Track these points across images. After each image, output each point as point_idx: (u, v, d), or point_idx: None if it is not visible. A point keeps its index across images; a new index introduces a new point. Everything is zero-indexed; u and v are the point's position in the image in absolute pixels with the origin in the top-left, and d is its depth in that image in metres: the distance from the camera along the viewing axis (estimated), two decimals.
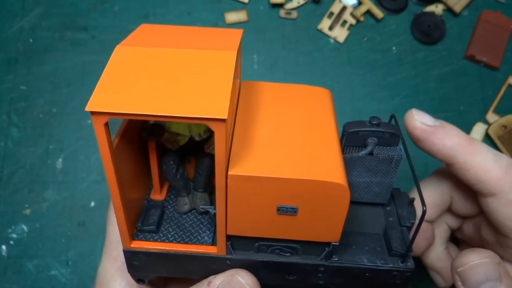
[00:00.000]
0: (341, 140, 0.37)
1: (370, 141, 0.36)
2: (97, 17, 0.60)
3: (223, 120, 0.27)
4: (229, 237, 0.35)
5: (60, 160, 0.56)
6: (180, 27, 0.38)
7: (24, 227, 0.54)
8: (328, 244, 0.34)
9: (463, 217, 0.44)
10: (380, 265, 0.35)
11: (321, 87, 0.40)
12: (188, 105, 0.28)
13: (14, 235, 0.54)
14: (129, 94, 0.28)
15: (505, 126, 0.57)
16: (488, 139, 0.57)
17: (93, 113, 0.28)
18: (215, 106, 0.27)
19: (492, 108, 0.58)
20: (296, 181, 0.30)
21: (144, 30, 0.36)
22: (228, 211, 0.32)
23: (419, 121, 0.37)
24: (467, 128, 0.58)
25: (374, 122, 0.35)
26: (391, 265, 0.35)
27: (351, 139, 0.36)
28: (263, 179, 0.30)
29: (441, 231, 0.44)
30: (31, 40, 0.59)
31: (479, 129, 0.57)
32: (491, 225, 0.39)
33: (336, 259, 0.35)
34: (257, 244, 0.35)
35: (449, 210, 0.43)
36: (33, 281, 0.52)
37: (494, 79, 0.59)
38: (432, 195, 0.41)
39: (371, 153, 0.36)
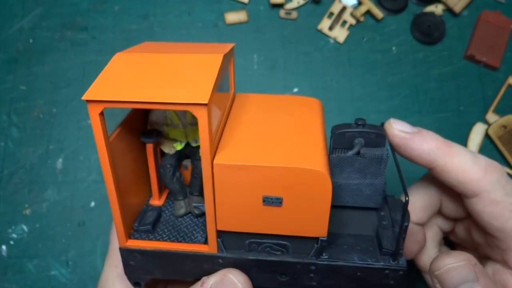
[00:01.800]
0: (329, 143, 0.38)
1: (357, 142, 0.37)
2: (97, 17, 0.60)
3: (204, 105, 0.30)
4: (220, 234, 0.36)
5: (60, 160, 0.56)
6: (178, 43, 0.41)
7: (24, 227, 0.54)
8: (317, 240, 0.35)
9: (454, 220, 0.44)
10: (371, 263, 0.35)
11: (312, 98, 0.42)
12: (175, 94, 0.31)
13: (14, 235, 0.54)
14: (122, 87, 0.31)
15: (505, 126, 0.57)
16: (488, 139, 0.57)
17: (89, 101, 0.31)
18: (198, 94, 0.30)
19: (492, 108, 0.58)
20: (278, 169, 0.32)
21: (145, 45, 0.40)
22: (216, 203, 0.34)
23: (397, 128, 0.38)
24: (467, 128, 0.58)
25: (359, 123, 0.37)
26: (382, 263, 0.35)
27: (338, 141, 0.37)
28: (247, 168, 0.32)
29: (433, 234, 0.44)
30: (31, 40, 0.59)
31: (479, 129, 0.57)
32: (479, 227, 0.39)
33: (326, 257, 0.36)
34: (247, 241, 0.36)
35: (440, 213, 0.44)
36: (33, 281, 0.52)
37: (494, 79, 0.59)
38: (421, 199, 0.42)
39: (358, 153, 0.37)
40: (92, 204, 0.55)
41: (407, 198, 0.33)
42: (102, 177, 0.55)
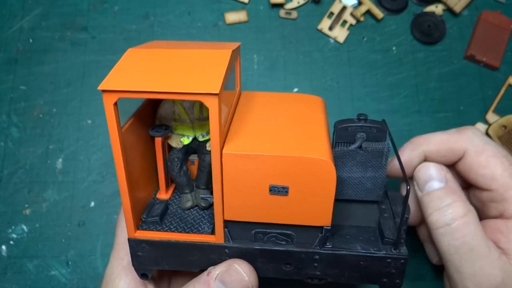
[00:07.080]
0: (332, 137, 0.39)
1: (359, 136, 0.38)
2: (97, 17, 0.60)
3: (215, 95, 0.31)
4: (226, 224, 0.37)
5: (60, 160, 0.56)
6: (186, 41, 0.42)
7: (24, 227, 0.54)
8: (321, 230, 0.36)
9: None
10: (374, 252, 0.36)
11: (315, 95, 0.43)
12: (187, 84, 0.32)
13: (14, 235, 0.54)
14: (136, 78, 0.33)
15: (505, 126, 0.57)
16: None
17: (104, 91, 0.32)
18: (210, 84, 0.31)
19: (492, 108, 0.58)
20: (285, 158, 0.33)
21: (154, 43, 0.41)
22: (224, 193, 0.35)
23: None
24: None
25: (361, 118, 0.38)
26: (384, 252, 0.36)
27: (341, 135, 0.39)
28: (255, 157, 0.33)
29: None
30: (31, 40, 0.59)
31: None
32: (474, 185, 0.41)
33: (330, 246, 0.37)
34: (253, 231, 0.37)
35: None
36: (33, 281, 0.52)
37: (494, 79, 0.59)
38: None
39: (360, 147, 0.38)
40: (92, 204, 0.55)
41: (408, 187, 0.33)
42: (102, 177, 0.55)
